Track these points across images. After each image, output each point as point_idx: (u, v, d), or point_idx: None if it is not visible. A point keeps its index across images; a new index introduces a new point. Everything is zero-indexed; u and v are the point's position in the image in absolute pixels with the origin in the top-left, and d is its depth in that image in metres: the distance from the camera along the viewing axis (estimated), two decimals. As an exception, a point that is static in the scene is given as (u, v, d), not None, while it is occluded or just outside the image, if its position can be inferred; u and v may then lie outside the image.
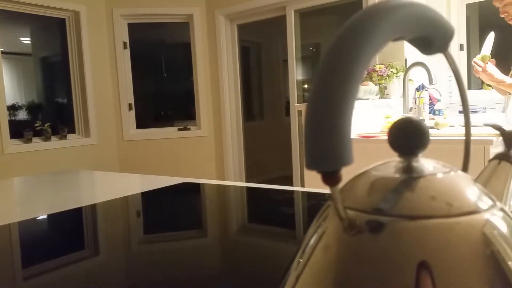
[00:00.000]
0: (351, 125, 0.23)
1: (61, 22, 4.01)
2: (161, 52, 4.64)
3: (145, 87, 4.49)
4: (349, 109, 0.23)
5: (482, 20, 4.30)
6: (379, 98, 2.69)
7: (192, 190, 1.04)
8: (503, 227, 0.25)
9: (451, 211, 0.25)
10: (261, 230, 0.71)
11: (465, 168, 0.32)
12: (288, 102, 3.98)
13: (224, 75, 4.25)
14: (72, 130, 4.08)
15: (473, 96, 4.12)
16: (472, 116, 3.26)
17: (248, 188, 1.02)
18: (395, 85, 2.86)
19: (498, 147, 2.00)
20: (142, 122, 4.37)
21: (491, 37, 2.09)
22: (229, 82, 4.28)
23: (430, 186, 0.26)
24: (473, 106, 3.89)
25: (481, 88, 2.37)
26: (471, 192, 0.27)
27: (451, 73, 4.15)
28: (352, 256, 0.25)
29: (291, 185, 3.79)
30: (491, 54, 2.12)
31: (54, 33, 4.17)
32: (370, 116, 2.54)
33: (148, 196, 0.99)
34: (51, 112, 4.28)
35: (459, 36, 4.27)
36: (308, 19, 3.90)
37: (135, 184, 1.18)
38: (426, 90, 2.93)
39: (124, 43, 4.22)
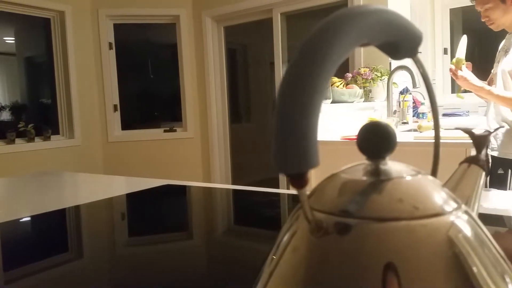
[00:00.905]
0: (318, 129, 0.24)
1: (45, 22, 3.96)
2: (147, 53, 4.62)
3: (131, 88, 4.46)
4: (316, 113, 0.23)
5: (466, 24, 4.37)
6: (364, 101, 2.72)
7: (174, 193, 1.03)
8: (468, 230, 0.26)
9: (417, 213, 0.26)
10: (243, 232, 0.71)
11: (434, 171, 0.33)
12: (275, 104, 3.99)
13: (211, 76, 4.25)
14: (56, 131, 4.02)
15: (457, 99, 4.18)
16: (455, 119, 3.31)
17: (231, 190, 1.02)
18: (379, 88, 2.89)
19: (479, 149, 2.04)
20: (128, 123, 4.33)
21: (464, 40, 2.12)
22: (216, 84, 4.28)
23: (397, 188, 0.27)
24: (456, 110, 3.95)
25: (465, 91, 2.41)
26: (437, 195, 0.27)
27: (435, 77, 4.22)
28: (319, 258, 0.25)
29: (277, 187, 3.80)
30: (466, 57, 2.15)
31: (38, 33, 4.11)
32: (354, 118, 2.56)
33: (130, 199, 0.98)
34: (35, 113, 4.22)
35: (443, 40, 4.34)
36: (294, 22, 3.92)
37: (117, 186, 1.17)
38: (410, 94, 2.97)
39: (110, 44, 4.18)
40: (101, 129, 4.19)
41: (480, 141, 0.35)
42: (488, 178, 2.23)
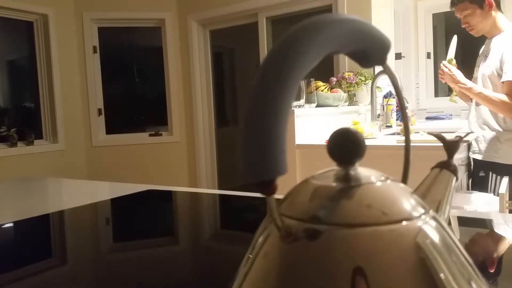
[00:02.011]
0: (285, 136, 0.24)
1: (28, 25, 3.91)
2: (132, 56, 4.58)
3: (116, 92, 4.42)
4: (283, 121, 0.24)
5: (448, 29, 4.45)
6: (348, 105, 2.74)
7: (156, 198, 1.03)
8: (435, 236, 0.26)
9: (385, 219, 0.26)
10: (226, 237, 0.71)
11: (405, 176, 0.33)
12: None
13: (197, 80, 4.24)
14: (39, 136, 3.96)
15: (440, 103, 4.25)
16: (438, 123, 3.36)
17: (215, 195, 1.02)
18: (363, 92, 2.92)
19: (461, 152, 2.07)
20: (112, 128, 4.29)
21: (454, 40, 2.16)
22: (202, 88, 4.27)
23: (366, 194, 0.27)
24: (440, 113, 4.01)
25: (448, 95, 2.46)
26: (405, 200, 0.28)
27: (419, 80, 4.28)
28: (288, 264, 0.25)
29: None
30: (455, 57, 2.20)
31: (21, 36, 4.05)
32: (339, 122, 2.58)
33: (111, 204, 0.97)
34: (17, 117, 4.14)
35: (426, 45, 4.41)
36: (280, 26, 3.94)
37: (98, 191, 1.16)
38: (394, 97, 3.00)
39: (94, 47, 4.14)
40: (85, 133, 4.15)
41: (451, 146, 0.36)
42: (470, 180, 2.27)
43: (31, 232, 0.79)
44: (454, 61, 2.15)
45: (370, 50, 0.29)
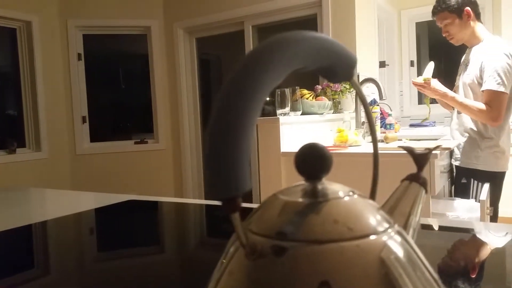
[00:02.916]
0: (248, 154, 0.24)
1: (12, 32, 3.86)
2: (118, 63, 4.56)
3: (101, 99, 4.38)
4: (246, 139, 0.24)
5: (432, 37, 4.53)
6: (333, 113, 2.76)
7: (137, 208, 1.02)
8: (399, 251, 0.27)
9: (350, 234, 0.26)
10: (209, 246, 0.71)
11: (373, 190, 0.34)
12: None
13: (183, 87, 4.23)
14: (22, 144, 3.90)
15: (423, 110, 4.31)
16: (421, 130, 3.40)
17: (195, 205, 1.01)
18: (348, 100, 2.94)
19: (444, 159, 2.10)
20: (97, 135, 4.24)
21: (430, 66, 2.17)
22: (188, 95, 4.26)
23: (333, 210, 0.27)
24: (423, 120, 4.06)
25: (433, 102, 2.48)
26: (370, 215, 0.28)
27: (402, 88, 4.34)
28: (253, 282, 0.25)
29: (251, 199, 3.79)
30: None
31: (4, 43, 4.00)
32: (324, 130, 2.60)
33: (91, 215, 0.96)
34: (-1, 125, 4.08)
35: (410, 53, 4.48)
36: (266, 34, 3.96)
37: (80, 202, 1.14)
38: (378, 105, 3.04)
39: (79, 55, 4.11)
40: (69, 141, 4.09)
41: (420, 159, 0.37)
42: (453, 187, 2.30)
43: (14, 243, 0.77)
44: (429, 80, 2.15)
45: (337, 66, 0.29)
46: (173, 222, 0.92)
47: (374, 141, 0.33)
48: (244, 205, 0.91)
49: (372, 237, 0.26)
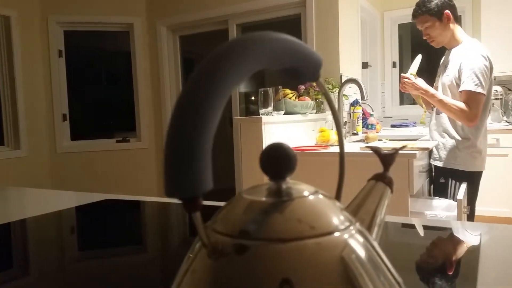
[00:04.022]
0: (210, 152, 0.24)
1: (-11, 27, 3.78)
2: (100, 61, 4.50)
3: (82, 96, 4.32)
4: (207, 137, 0.24)
5: (414, 39, 4.60)
6: (316, 113, 2.78)
7: (113, 208, 1.01)
8: (359, 249, 0.27)
9: (312, 233, 0.27)
10: (182, 246, 0.71)
11: (339, 189, 0.34)
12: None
13: (166, 86, 4.20)
14: (0, 142, 3.82)
15: (405, 111, 4.38)
16: (402, 130, 3.45)
17: (175, 205, 1.01)
18: (331, 100, 2.96)
19: (423, 159, 2.14)
20: (78, 134, 4.18)
21: (418, 59, 2.23)
22: (171, 93, 4.23)
23: (296, 209, 0.28)
24: (404, 121, 4.12)
25: (414, 103, 2.53)
26: (332, 214, 0.28)
27: (385, 89, 4.39)
28: (215, 280, 0.25)
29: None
30: (417, 73, 2.26)
31: (-19, 38, 3.91)
32: (307, 129, 2.61)
33: (63, 215, 0.95)
34: (-23, 122, 3.99)
35: (392, 54, 4.54)
36: (250, 33, 3.96)
37: (53, 201, 1.13)
38: (360, 105, 3.07)
39: (60, 51, 4.04)
40: (49, 139, 4.03)
41: (387, 159, 0.37)
42: (432, 186, 2.34)
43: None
44: (416, 76, 2.21)
45: (302, 68, 0.30)
46: (150, 221, 0.91)
47: (340, 142, 0.34)
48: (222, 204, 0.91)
49: (333, 235, 0.27)
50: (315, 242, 0.26)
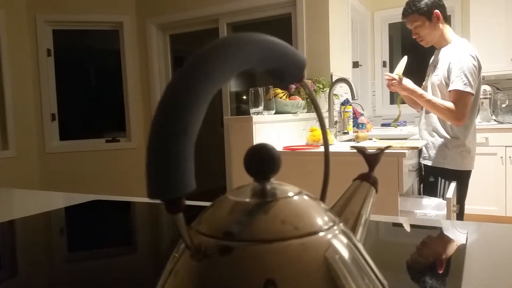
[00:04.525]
0: (192, 154, 0.24)
1: (-24, 26, 3.73)
2: (89, 60, 4.46)
3: (71, 96, 4.28)
4: (190, 139, 0.24)
5: (404, 38, 4.63)
6: (306, 112, 2.79)
7: (103, 208, 1.00)
8: (342, 249, 0.27)
9: (296, 233, 0.27)
10: (170, 246, 0.70)
11: (324, 190, 0.34)
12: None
13: (156, 85, 4.18)
14: (-12, 142, 3.78)
15: (395, 110, 4.40)
16: (392, 129, 3.47)
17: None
18: (321, 100, 2.97)
19: (413, 158, 2.15)
20: (68, 134, 4.14)
21: (404, 60, 2.24)
22: (161, 93, 4.20)
23: (280, 209, 0.28)
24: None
25: (403, 103, 2.55)
26: (316, 214, 0.28)
27: (375, 88, 4.41)
28: (198, 282, 0.25)
29: (224, 197, 3.77)
30: (405, 74, 2.27)
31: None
32: (297, 129, 2.62)
33: (54, 216, 0.94)
34: (-36, 122, 3.93)
35: (382, 54, 4.56)
36: (241, 32, 3.96)
37: (40, 202, 1.12)
38: (350, 105, 3.08)
39: (48, 50, 4.00)
40: (38, 139, 3.98)
41: (372, 159, 0.37)
42: (421, 185, 2.36)
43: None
44: (402, 76, 2.21)
45: (286, 69, 0.30)
46: (140, 222, 0.91)
47: (325, 143, 0.34)
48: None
49: (316, 235, 0.27)
50: (298, 243, 0.26)
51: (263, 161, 0.29)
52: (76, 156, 4.04)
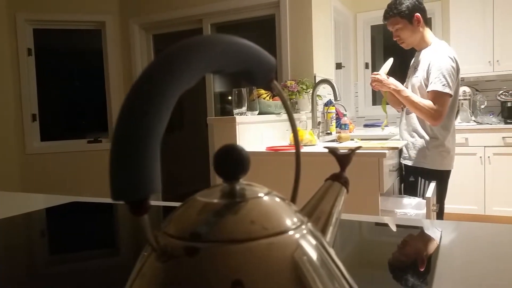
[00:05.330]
0: (158, 155, 0.24)
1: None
2: (71, 59, 4.39)
3: (53, 96, 4.21)
4: (154, 139, 0.24)
5: (386, 40, 4.68)
6: (290, 112, 2.80)
7: (80, 210, 0.99)
8: (309, 249, 0.27)
9: (264, 233, 0.27)
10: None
11: (295, 190, 0.34)
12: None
13: (140, 86, 4.14)
14: (-35, 143, 3.69)
15: (377, 111, 4.45)
16: (375, 130, 3.51)
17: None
18: (305, 101, 2.99)
19: (393, 158, 2.18)
20: (49, 134, 4.07)
21: (390, 61, 2.26)
22: (145, 94, 4.17)
23: (248, 210, 0.28)
24: (377, 121, 4.20)
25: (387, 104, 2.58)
26: (284, 215, 0.29)
27: (358, 89, 4.45)
28: (163, 283, 0.25)
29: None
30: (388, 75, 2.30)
31: None
32: (281, 129, 2.63)
33: (26, 218, 0.92)
34: None
35: (365, 55, 4.61)
36: (225, 33, 3.92)
37: (20, 204, 1.10)
38: (333, 106, 3.11)
39: (29, 50, 3.93)
40: (18, 140, 3.90)
41: (343, 159, 0.38)
42: (402, 185, 2.39)
43: None
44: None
45: (255, 70, 0.30)
46: (121, 223, 0.90)
47: (296, 144, 0.34)
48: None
49: (284, 235, 0.27)
50: (266, 242, 0.26)
51: (232, 162, 0.29)
52: (58, 157, 3.98)
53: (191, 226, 0.27)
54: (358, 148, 0.40)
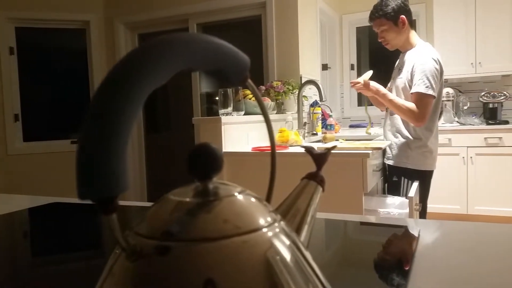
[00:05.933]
0: (125, 153, 0.24)
1: None
2: (55, 59, 4.32)
3: (36, 96, 4.14)
4: (122, 138, 0.23)
5: (372, 42, 4.72)
6: (276, 113, 2.80)
7: (60, 211, 0.97)
8: (282, 247, 0.27)
9: (236, 231, 0.27)
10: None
11: (270, 190, 0.34)
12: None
13: (125, 86, 4.10)
14: None
15: (363, 112, 4.49)
16: (360, 131, 3.54)
17: (133, 207, 0.99)
18: (291, 101, 3.00)
19: (377, 158, 2.20)
20: (32, 134, 4.01)
21: (369, 73, 2.26)
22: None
23: (221, 208, 0.28)
24: (362, 121, 4.23)
25: (370, 105, 2.60)
26: (258, 213, 0.29)
27: (343, 90, 4.48)
28: (133, 283, 0.25)
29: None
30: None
31: None
32: (267, 130, 2.63)
33: (8, 219, 0.90)
34: None
35: (350, 57, 4.64)
36: (211, 33, 3.90)
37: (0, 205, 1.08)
38: (319, 106, 3.12)
39: (11, 49, 3.86)
40: (0, 140, 3.83)
41: (319, 159, 0.38)
42: (386, 185, 2.41)
43: None
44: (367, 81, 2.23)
45: (228, 69, 0.30)
46: (101, 224, 0.89)
47: (272, 144, 0.34)
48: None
49: (256, 233, 0.27)
50: (238, 241, 0.26)
51: (204, 160, 0.29)
52: (41, 158, 3.91)
53: (163, 225, 0.27)
54: (334, 147, 0.40)
